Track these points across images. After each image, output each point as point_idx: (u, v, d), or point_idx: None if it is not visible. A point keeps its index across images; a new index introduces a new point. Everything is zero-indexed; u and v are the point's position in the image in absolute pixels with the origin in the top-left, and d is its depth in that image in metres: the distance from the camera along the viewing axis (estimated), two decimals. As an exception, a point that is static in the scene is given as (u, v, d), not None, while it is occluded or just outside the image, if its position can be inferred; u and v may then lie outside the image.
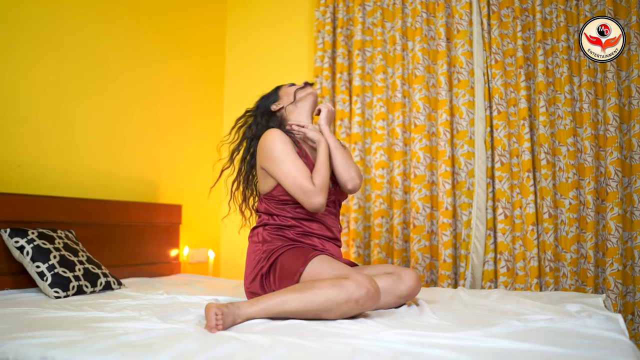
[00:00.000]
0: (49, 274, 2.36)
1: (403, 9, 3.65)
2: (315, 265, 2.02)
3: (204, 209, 4.04)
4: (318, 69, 3.84)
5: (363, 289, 1.79)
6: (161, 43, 3.70)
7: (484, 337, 1.49)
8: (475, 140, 3.35)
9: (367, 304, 1.81)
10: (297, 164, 2.15)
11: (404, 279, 2.11)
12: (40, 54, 2.89)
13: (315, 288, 1.79)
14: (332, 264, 2.02)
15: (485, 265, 3.28)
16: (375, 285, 1.84)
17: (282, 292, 1.83)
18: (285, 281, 2.05)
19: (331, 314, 1.79)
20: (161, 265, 3.42)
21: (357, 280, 1.80)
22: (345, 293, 1.77)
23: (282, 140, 2.20)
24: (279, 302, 1.79)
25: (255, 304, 1.79)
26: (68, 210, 2.85)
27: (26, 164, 2.80)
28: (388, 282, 2.07)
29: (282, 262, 2.10)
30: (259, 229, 2.29)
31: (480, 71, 3.37)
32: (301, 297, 1.78)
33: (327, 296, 1.77)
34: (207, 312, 1.70)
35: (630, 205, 3.04)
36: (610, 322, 1.75)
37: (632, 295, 3.00)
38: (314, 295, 1.77)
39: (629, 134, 3.07)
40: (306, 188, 2.11)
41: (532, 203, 3.17)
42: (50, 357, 1.38)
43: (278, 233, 2.22)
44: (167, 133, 3.73)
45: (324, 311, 1.78)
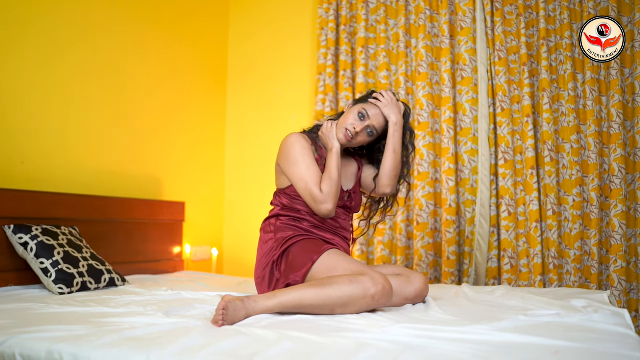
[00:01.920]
0: (53, 270, 2.35)
1: (406, 6, 3.64)
2: (330, 257, 2.04)
3: (207, 206, 4.05)
4: (321, 66, 3.83)
5: (379, 285, 1.82)
6: (165, 41, 3.70)
7: (491, 331, 1.49)
8: (479, 138, 3.35)
9: (382, 300, 1.84)
10: (311, 169, 2.18)
11: (412, 280, 2.11)
12: (42, 51, 2.88)
13: (334, 284, 1.81)
14: (347, 258, 2.05)
15: (489, 263, 3.27)
16: (389, 282, 1.88)
17: (300, 287, 1.85)
18: (295, 270, 2.06)
19: (347, 309, 1.81)
20: (164, 262, 3.42)
21: (373, 277, 1.84)
22: (363, 289, 1.80)
23: (301, 145, 2.22)
24: (297, 296, 1.81)
25: (273, 298, 1.80)
26: (71, 207, 2.85)
27: (30, 161, 2.80)
28: (396, 283, 2.07)
29: (294, 252, 2.12)
30: (271, 219, 2.31)
31: (484, 68, 3.37)
32: (319, 292, 1.80)
33: (345, 292, 1.79)
34: (219, 305, 1.71)
35: (634, 202, 3.04)
36: (617, 317, 1.74)
37: (635, 292, 2.99)
38: (333, 290, 1.80)
39: (633, 131, 3.06)
40: (315, 195, 2.14)
41: (535, 200, 3.16)
42: (56, 351, 1.38)
43: (291, 223, 2.25)
44: (170, 130, 3.73)
45: (341, 306, 1.81)
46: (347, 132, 2.23)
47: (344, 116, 2.29)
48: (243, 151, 4.22)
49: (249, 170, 4.15)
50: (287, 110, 4.09)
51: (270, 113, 4.16)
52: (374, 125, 2.25)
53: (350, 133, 2.23)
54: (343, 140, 2.25)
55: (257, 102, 4.22)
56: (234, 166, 4.23)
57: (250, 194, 4.11)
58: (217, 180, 4.19)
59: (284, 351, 1.32)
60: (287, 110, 4.09)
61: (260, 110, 4.20)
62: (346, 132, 2.23)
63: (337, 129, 2.27)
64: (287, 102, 4.10)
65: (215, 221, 4.14)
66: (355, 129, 2.22)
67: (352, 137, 2.24)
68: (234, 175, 4.23)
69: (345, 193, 2.33)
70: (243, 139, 4.23)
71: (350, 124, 2.23)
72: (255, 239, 2.42)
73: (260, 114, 4.20)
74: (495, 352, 1.29)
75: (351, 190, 2.36)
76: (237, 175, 4.22)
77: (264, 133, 4.15)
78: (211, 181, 4.14)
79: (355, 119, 2.24)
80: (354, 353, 1.29)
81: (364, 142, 2.31)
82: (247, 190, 4.15)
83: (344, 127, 2.24)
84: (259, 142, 4.15)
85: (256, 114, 4.21)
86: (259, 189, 4.04)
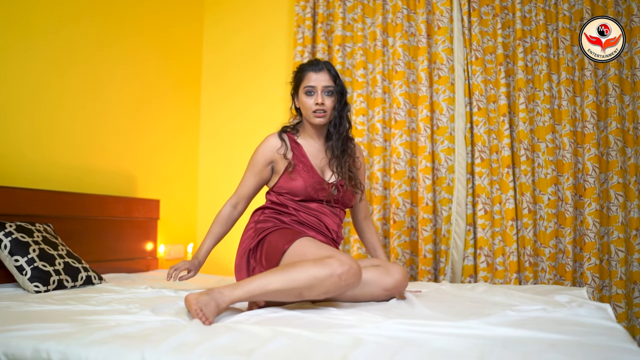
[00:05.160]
0: (29, 268, 2.28)
1: (384, 5, 3.65)
2: (302, 243, 2.03)
3: (181, 204, 3.99)
4: (298, 64, 3.81)
5: (345, 265, 1.80)
6: (139, 37, 3.63)
7: (484, 326, 1.50)
8: (456, 136, 3.37)
9: (350, 280, 1.81)
10: (247, 179, 2.37)
11: (391, 272, 2.11)
12: (11, 43, 2.80)
13: (299, 266, 1.79)
14: (318, 244, 2.03)
15: (465, 261, 3.30)
16: (357, 264, 1.85)
17: (264, 274, 1.81)
18: (270, 258, 2.06)
19: (314, 291, 1.78)
20: (138, 261, 3.36)
21: (340, 259, 1.82)
22: (329, 269, 1.77)
23: (259, 154, 2.33)
24: (262, 283, 1.77)
25: (238, 288, 1.76)
26: (46, 204, 2.78)
27: (2, 156, 2.72)
28: (375, 274, 2.07)
29: (269, 240, 2.13)
30: (258, 211, 2.33)
31: (460, 68, 3.40)
32: (284, 276, 1.77)
33: (311, 273, 1.76)
34: (188, 305, 1.68)
35: (607, 200, 3.10)
36: (601, 311, 1.78)
37: (608, 289, 3.05)
38: (297, 273, 1.76)
39: (606, 131, 3.12)
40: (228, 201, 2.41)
41: (511, 199, 3.20)
42: (44, 349, 1.34)
43: (274, 216, 2.25)
44: (144, 127, 3.66)
45: (307, 288, 1.77)
46: (315, 113, 2.25)
47: (301, 108, 2.32)
48: (217, 148, 4.17)
49: (223, 168, 4.10)
50: (261, 108, 4.06)
51: (244, 111, 4.12)
52: (324, 85, 2.25)
53: (319, 109, 2.24)
54: (322, 121, 2.27)
55: (231, 101, 4.17)
56: (208, 164, 4.18)
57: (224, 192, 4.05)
58: (191, 178, 4.14)
59: (282, 347, 1.30)
60: (261, 108, 4.06)
61: (233, 109, 4.16)
62: (314, 113, 2.25)
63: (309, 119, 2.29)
64: (262, 100, 4.07)
65: (189, 219, 4.09)
66: (317, 103, 2.23)
67: (324, 111, 2.25)
68: (207, 173, 4.18)
69: (331, 186, 2.30)
70: (217, 136, 4.19)
71: (310, 105, 2.25)
72: (229, 237, 2.44)
73: (234, 113, 4.15)
74: (494, 345, 1.30)
75: (338, 183, 2.32)
76: (211, 173, 4.17)
77: (237, 131, 4.10)
78: (185, 179, 4.08)
79: (309, 99, 2.26)
80: (353, 348, 1.28)
81: (334, 104, 2.28)
82: (220, 189, 4.09)
83: (309, 112, 2.26)
84: (233, 139, 4.11)
85: (230, 113, 4.17)
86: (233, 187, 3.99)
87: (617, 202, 3.06)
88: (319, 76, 2.25)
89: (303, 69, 2.30)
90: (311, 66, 2.28)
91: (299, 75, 2.32)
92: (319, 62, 2.30)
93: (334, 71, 2.28)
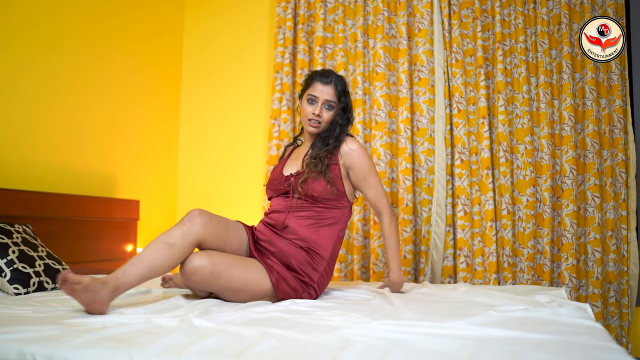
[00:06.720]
0: (8, 269, 2.25)
1: (365, 6, 3.67)
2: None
3: (160, 205, 3.97)
4: (278, 65, 3.81)
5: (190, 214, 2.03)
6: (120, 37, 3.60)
7: (468, 326, 1.52)
8: (436, 138, 3.40)
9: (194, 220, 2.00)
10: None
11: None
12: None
13: (162, 233, 1.97)
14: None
15: (444, 261, 3.33)
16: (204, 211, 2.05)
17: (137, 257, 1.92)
18: None
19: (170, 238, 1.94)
20: (118, 262, 3.32)
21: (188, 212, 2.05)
22: (180, 223, 2.00)
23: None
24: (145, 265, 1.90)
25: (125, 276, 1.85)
26: (24, 204, 2.74)
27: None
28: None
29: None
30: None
31: (440, 70, 3.43)
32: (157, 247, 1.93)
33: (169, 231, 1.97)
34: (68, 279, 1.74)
35: (584, 202, 3.16)
36: (581, 311, 1.81)
37: (585, 288, 3.11)
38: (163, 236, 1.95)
39: (583, 133, 3.18)
40: None
41: (490, 200, 3.24)
42: (29, 353, 1.32)
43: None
44: (125, 129, 3.63)
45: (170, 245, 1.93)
46: (309, 121, 2.33)
47: (301, 112, 2.40)
48: (196, 149, 4.15)
49: (202, 169, 4.09)
50: (241, 109, 4.05)
51: (224, 112, 4.11)
52: (326, 98, 2.32)
53: (314, 120, 2.32)
54: (314, 130, 2.35)
55: (212, 103, 4.16)
56: (188, 165, 4.16)
57: (203, 193, 4.05)
58: (171, 179, 4.11)
59: (271, 348, 1.31)
60: (241, 109, 4.05)
61: (213, 110, 4.15)
62: (309, 121, 2.34)
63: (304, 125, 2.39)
64: (243, 100, 4.06)
65: (168, 220, 4.06)
66: (314, 113, 2.31)
67: (319, 122, 2.33)
68: (187, 175, 4.16)
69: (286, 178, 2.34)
70: (196, 137, 4.17)
71: (308, 113, 2.34)
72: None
73: (214, 114, 4.14)
74: (479, 345, 1.32)
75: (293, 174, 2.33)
76: (190, 175, 4.15)
77: (217, 132, 4.09)
78: (165, 180, 4.06)
79: (309, 107, 2.34)
80: (342, 349, 1.29)
81: (332, 118, 2.35)
82: (200, 190, 4.08)
83: (306, 119, 2.35)
84: (213, 140, 4.10)
85: (210, 114, 4.15)
86: (212, 188, 3.99)
87: (593, 203, 3.12)
88: (324, 88, 2.32)
89: (313, 77, 2.38)
90: (321, 77, 2.35)
91: (308, 81, 2.39)
92: (330, 74, 2.36)
93: (341, 87, 2.34)
